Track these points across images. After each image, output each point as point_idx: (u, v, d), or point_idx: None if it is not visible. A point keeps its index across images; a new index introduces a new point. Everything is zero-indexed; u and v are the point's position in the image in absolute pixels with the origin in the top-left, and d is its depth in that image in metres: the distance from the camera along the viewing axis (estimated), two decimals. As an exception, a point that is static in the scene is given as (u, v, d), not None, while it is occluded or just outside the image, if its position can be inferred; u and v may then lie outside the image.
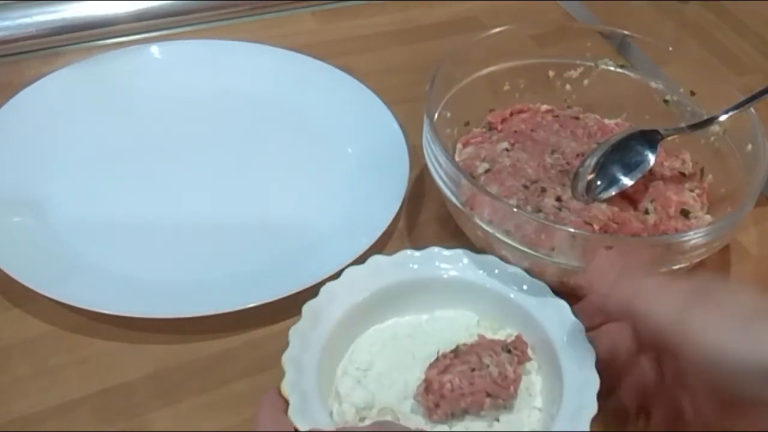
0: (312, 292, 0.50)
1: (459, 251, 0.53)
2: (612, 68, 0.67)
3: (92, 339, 0.52)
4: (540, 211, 0.55)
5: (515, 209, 0.53)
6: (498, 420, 0.47)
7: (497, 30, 0.65)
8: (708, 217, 0.59)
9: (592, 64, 0.67)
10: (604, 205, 0.56)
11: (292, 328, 0.47)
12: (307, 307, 0.48)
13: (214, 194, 0.62)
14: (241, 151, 0.66)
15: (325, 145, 0.67)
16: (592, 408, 0.44)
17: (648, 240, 0.55)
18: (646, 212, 0.58)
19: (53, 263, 0.55)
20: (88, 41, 0.76)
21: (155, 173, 0.63)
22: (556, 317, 0.50)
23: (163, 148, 0.65)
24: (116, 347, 0.52)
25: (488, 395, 0.46)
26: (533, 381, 0.49)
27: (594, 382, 0.46)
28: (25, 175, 0.61)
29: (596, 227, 0.54)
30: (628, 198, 0.59)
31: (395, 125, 0.66)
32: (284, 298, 0.52)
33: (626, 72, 0.67)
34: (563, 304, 0.50)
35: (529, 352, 0.49)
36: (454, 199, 0.55)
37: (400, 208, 0.60)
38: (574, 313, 0.49)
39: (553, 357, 0.48)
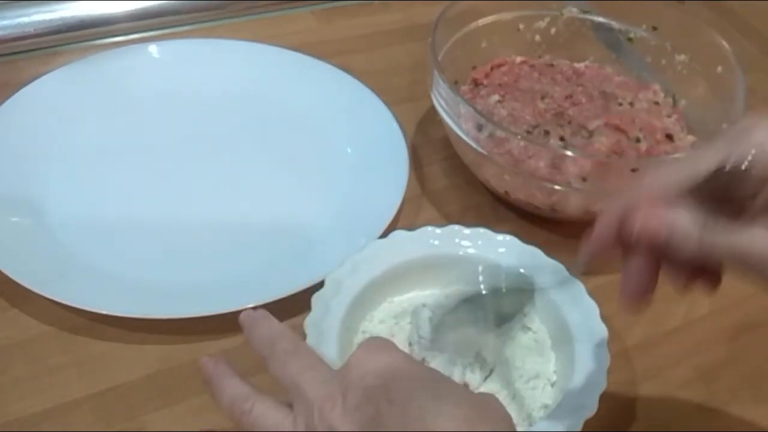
0: (311, 291, 0.50)
1: (479, 230, 0.55)
2: (576, 14, 0.72)
3: (91, 339, 0.52)
4: None
5: (553, 143, 0.61)
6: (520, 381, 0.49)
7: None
8: (690, 138, 0.65)
9: (558, 12, 0.72)
10: (603, 138, 0.62)
11: (315, 294, 0.49)
12: (331, 277, 0.50)
13: (213, 194, 0.62)
14: (240, 151, 0.66)
15: (325, 144, 0.67)
16: (601, 384, 0.46)
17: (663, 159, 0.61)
18: (638, 140, 0.63)
19: (51, 263, 0.55)
20: (86, 41, 0.76)
21: (153, 173, 0.63)
22: (571, 296, 0.51)
23: (161, 148, 0.65)
24: (115, 347, 0.52)
25: None
26: (548, 357, 0.51)
27: (605, 360, 0.47)
28: (22, 174, 0.61)
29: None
30: (620, 129, 0.63)
31: (395, 125, 0.66)
32: (284, 298, 0.52)
33: (590, 17, 0.73)
34: (579, 285, 0.51)
35: (544, 327, 0.51)
36: (477, 147, 0.58)
37: (400, 208, 0.60)
38: (590, 293, 0.51)
39: (566, 335, 0.50)
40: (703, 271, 0.39)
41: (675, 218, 0.37)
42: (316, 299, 0.49)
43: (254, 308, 0.44)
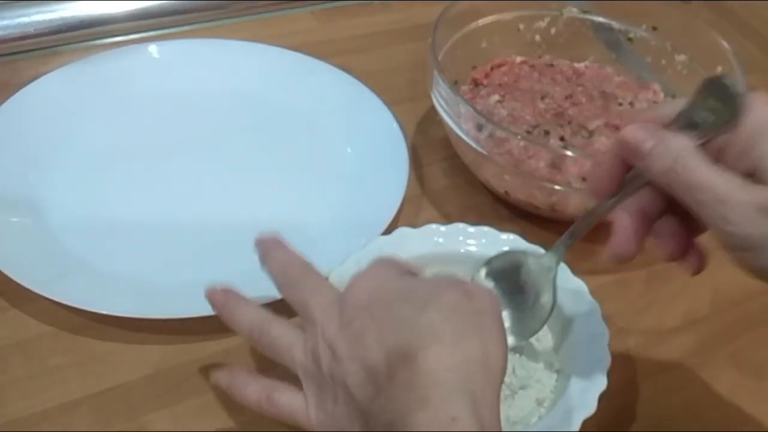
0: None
1: (483, 228, 0.55)
2: (576, 14, 0.72)
3: (91, 339, 0.52)
4: None
5: (553, 143, 0.61)
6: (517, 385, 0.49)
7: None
8: None
9: (558, 12, 0.72)
10: (603, 138, 0.62)
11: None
12: (335, 274, 0.50)
13: (213, 194, 0.62)
14: (240, 151, 0.66)
15: (325, 144, 0.67)
16: (601, 384, 0.46)
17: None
18: None
19: (51, 263, 0.55)
20: (86, 40, 0.76)
21: (153, 173, 0.63)
22: (574, 296, 0.51)
23: (161, 148, 0.65)
24: (115, 348, 0.52)
25: None
26: (549, 356, 0.50)
27: (605, 360, 0.47)
28: (23, 175, 0.60)
29: None
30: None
31: (395, 125, 0.66)
32: (283, 298, 0.52)
33: (590, 17, 0.73)
34: (581, 284, 0.52)
35: (545, 326, 0.51)
36: (477, 147, 0.58)
37: (400, 208, 0.60)
38: (591, 293, 0.51)
39: (567, 334, 0.50)
40: (691, 247, 0.42)
41: (659, 132, 0.40)
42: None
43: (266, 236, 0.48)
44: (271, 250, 0.47)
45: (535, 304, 0.48)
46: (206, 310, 0.51)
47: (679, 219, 0.42)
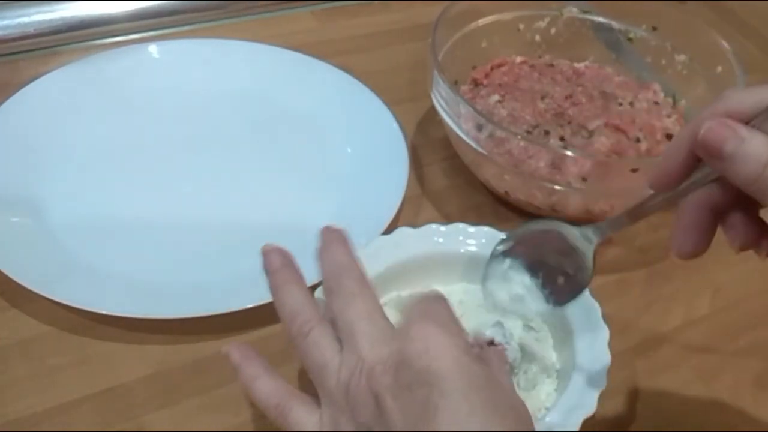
0: (311, 291, 0.50)
1: (483, 228, 0.54)
2: (576, 14, 0.72)
3: (91, 339, 0.52)
4: None
5: (553, 143, 0.61)
6: (518, 386, 0.49)
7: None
8: None
9: (558, 12, 0.72)
10: (603, 138, 0.62)
11: (318, 289, 0.48)
12: None
13: (212, 194, 0.62)
14: (240, 151, 0.66)
15: (325, 144, 0.67)
16: (601, 384, 0.46)
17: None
18: (638, 140, 0.63)
19: (51, 263, 0.55)
20: (87, 40, 0.76)
21: (154, 173, 0.63)
22: None
23: (161, 148, 0.65)
24: (115, 348, 0.52)
25: None
26: (549, 356, 0.50)
27: (605, 360, 0.47)
28: (23, 175, 0.60)
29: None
30: (620, 129, 0.64)
31: (395, 125, 0.66)
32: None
33: (590, 17, 0.73)
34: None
35: (545, 326, 0.51)
36: (477, 147, 0.59)
37: (400, 208, 0.60)
38: (591, 293, 0.50)
39: (568, 334, 0.49)
40: (762, 234, 0.38)
41: (746, 133, 0.35)
42: (319, 293, 0.49)
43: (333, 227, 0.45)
44: (330, 244, 0.43)
45: (569, 275, 0.46)
46: (206, 310, 0.52)
47: (749, 205, 0.38)
